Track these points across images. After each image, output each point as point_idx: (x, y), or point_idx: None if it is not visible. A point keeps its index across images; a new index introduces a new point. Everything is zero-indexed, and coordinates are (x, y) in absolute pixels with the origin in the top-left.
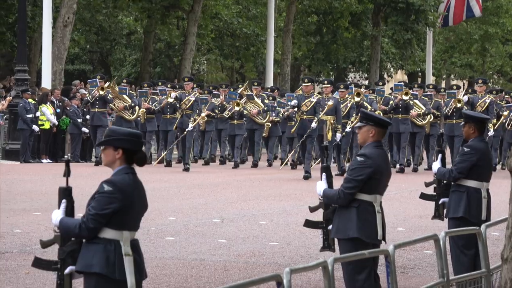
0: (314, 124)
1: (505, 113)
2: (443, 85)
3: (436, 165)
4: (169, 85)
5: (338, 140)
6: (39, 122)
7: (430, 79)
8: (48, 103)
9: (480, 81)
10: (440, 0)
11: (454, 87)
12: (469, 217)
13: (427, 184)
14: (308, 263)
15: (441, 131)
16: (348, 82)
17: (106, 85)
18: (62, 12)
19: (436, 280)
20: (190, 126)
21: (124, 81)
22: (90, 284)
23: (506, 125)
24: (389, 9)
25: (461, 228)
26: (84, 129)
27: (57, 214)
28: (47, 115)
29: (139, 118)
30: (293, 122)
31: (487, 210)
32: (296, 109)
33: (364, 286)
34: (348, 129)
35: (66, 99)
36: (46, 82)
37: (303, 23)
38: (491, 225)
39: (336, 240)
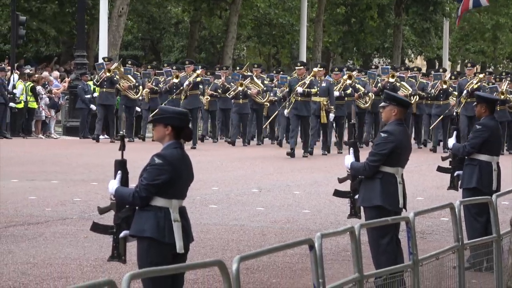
0: (300, 89)
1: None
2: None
3: (452, 141)
4: (174, 67)
5: (331, 119)
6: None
7: (447, 65)
8: None
9: (469, 64)
10: None
11: (441, 70)
12: (481, 188)
13: (443, 158)
14: (337, 229)
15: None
16: (374, 66)
17: (112, 67)
18: (117, 4)
19: (451, 244)
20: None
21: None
22: (143, 247)
23: None
24: (410, 0)
25: (474, 198)
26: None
27: (113, 184)
28: None
29: (142, 97)
30: (287, 103)
31: (497, 181)
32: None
33: (387, 249)
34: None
35: None
36: None
37: (333, 13)
38: (501, 195)
39: (362, 208)
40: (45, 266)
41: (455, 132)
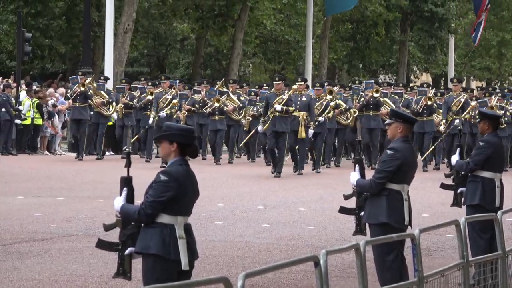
0: (278, 107)
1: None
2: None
3: (455, 158)
4: (149, 83)
5: (310, 136)
6: None
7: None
8: None
9: (455, 80)
10: (463, 11)
11: (425, 85)
12: (484, 205)
13: (447, 175)
14: (342, 246)
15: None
16: (380, 81)
17: (86, 81)
18: (123, 20)
19: (457, 261)
20: (151, 120)
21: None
22: (148, 264)
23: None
24: (415, 17)
25: (480, 214)
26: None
27: (119, 201)
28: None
29: (116, 114)
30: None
31: (501, 198)
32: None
33: (392, 266)
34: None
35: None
36: (108, 83)
37: (339, 30)
38: (506, 212)
39: (367, 224)
40: (50, 282)
41: (458, 149)
